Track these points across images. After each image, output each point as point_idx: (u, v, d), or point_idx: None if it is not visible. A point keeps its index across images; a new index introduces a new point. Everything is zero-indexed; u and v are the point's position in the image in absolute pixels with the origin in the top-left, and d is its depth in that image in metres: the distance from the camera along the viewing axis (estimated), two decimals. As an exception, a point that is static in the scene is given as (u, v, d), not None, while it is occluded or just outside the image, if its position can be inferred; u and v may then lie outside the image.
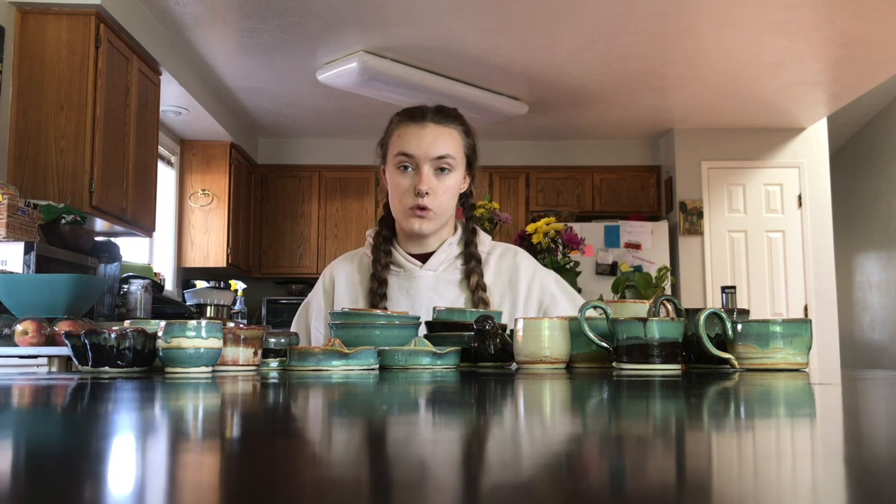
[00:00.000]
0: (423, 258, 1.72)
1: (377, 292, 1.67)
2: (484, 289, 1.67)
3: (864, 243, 7.64)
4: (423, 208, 1.63)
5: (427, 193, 1.62)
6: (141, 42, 3.97)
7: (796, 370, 1.18)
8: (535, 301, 1.70)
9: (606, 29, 4.44)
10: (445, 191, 1.65)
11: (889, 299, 7.25)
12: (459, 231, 1.75)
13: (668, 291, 6.09)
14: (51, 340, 2.28)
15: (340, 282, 1.74)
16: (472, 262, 1.69)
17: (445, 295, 1.68)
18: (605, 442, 0.50)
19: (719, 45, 4.71)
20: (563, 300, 1.70)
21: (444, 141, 1.64)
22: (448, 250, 1.71)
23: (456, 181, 1.68)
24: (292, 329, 1.76)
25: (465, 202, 1.77)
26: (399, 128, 1.69)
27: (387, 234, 1.73)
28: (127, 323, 1.26)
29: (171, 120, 5.30)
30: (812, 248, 6.42)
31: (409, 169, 1.65)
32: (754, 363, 1.17)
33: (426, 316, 1.53)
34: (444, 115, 1.68)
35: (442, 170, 1.64)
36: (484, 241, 1.75)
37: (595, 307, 1.27)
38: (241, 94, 5.53)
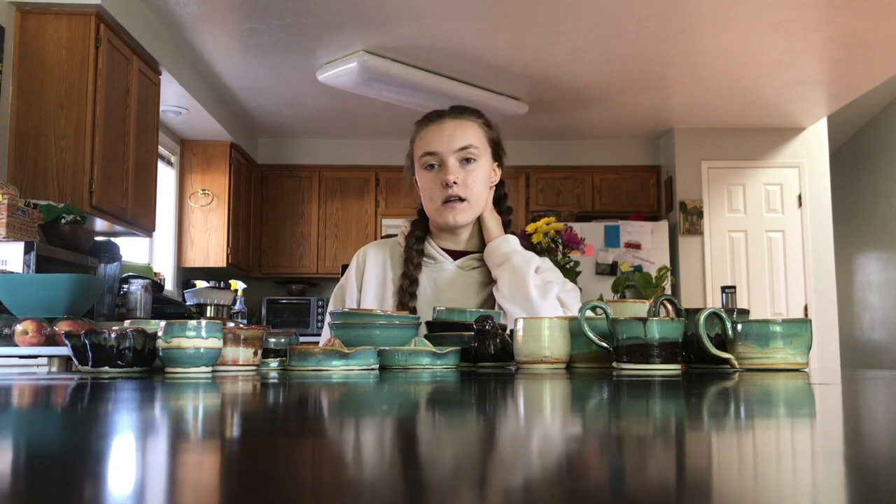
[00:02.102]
0: (456, 255, 1.73)
1: (407, 290, 1.68)
2: None
3: (864, 243, 7.64)
4: (455, 198, 1.65)
5: (455, 183, 1.64)
6: (141, 42, 3.97)
7: (796, 370, 1.18)
8: None
9: (606, 29, 4.45)
10: (475, 179, 1.67)
11: (889, 299, 7.25)
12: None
13: (668, 291, 6.09)
14: (51, 340, 2.28)
15: (371, 265, 1.75)
16: None
17: (469, 293, 1.70)
18: (605, 442, 0.50)
19: (719, 45, 4.71)
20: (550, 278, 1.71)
21: (463, 132, 1.66)
22: (480, 254, 1.73)
23: (484, 170, 1.69)
24: (328, 315, 1.77)
25: (502, 206, 1.79)
26: (419, 132, 1.71)
27: (419, 233, 1.75)
28: (127, 323, 1.26)
29: (171, 120, 5.30)
30: (812, 248, 6.42)
31: (435, 166, 1.67)
32: (754, 363, 1.17)
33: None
34: (461, 110, 1.71)
35: (467, 160, 1.66)
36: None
37: (595, 307, 1.27)
38: (241, 94, 5.53)
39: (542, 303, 1.59)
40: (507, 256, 1.66)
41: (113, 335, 1.15)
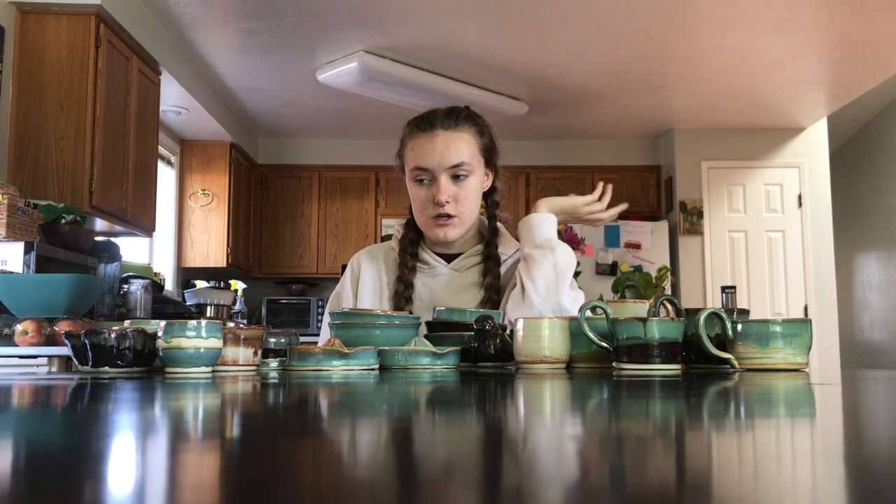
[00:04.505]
0: (449, 258, 1.73)
1: (403, 295, 1.67)
2: (497, 290, 1.68)
3: (864, 243, 7.64)
4: (446, 216, 1.63)
5: (447, 202, 1.62)
6: (141, 42, 3.97)
7: (796, 370, 1.18)
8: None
9: (606, 29, 4.44)
10: (466, 195, 1.65)
11: (889, 299, 7.25)
12: (487, 235, 1.75)
13: (668, 291, 6.09)
14: (51, 340, 2.28)
15: (365, 271, 1.75)
16: (489, 262, 1.70)
17: (464, 295, 1.69)
18: (605, 442, 0.50)
19: (719, 45, 4.71)
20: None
21: (456, 148, 1.62)
22: (474, 252, 1.72)
23: (476, 184, 1.67)
24: (325, 320, 1.76)
25: (490, 199, 1.76)
26: (411, 140, 1.67)
27: (413, 236, 1.74)
28: (127, 323, 1.26)
29: (171, 120, 5.30)
30: (812, 248, 6.42)
31: (426, 181, 1.64)
32: (754, 363, 1.17)
33: None
34: (454, 118, 1.65)
35: (458, 176, 1.63)
36: (508, 244, 1.75)
37: (595, 307, 1.27)
38: (241, 94, 5.53)
39: (567, 293, 1.61)
40: (552, 245, 1.63)
41: (113, 335, 1.15)
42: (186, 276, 5.92)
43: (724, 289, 5.05)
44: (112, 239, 3.88)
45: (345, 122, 6.23)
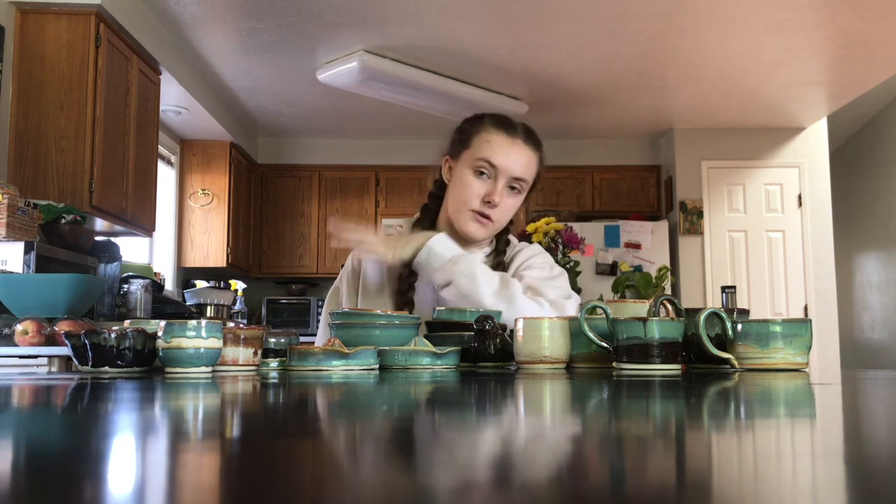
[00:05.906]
0: None
1: (406, 293, 1.68)
2: None
3: (864, 243, 7.64)
4: (486, 216, 1.66)
5: (496, 206, 1.65)
6: (141, 42, 3.97)
7: (796, 370, 1.18)
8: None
9: (606, 29, 4.44)
10: (510, 209, 1.69)
11: (889, 299, 7.25)
12: (495, 243, 1.78)
13: (668, 291, 6.09)
14: (51, 340, 2.28)
15: (367, 269, 1.75)
16: (499, 268, 1.72)
17: None
18: (606, 442, 0.50)
19: (719, 45, 4.71)
20: (534, 271, 1.70)
21: (527, 164, 1.68)
22: (481, 254, 1.73)
23: (519, 202, 1.72)
24: (323, 316, 1.76)
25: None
26: (489, 133, 1.68)
27: (426, 227, 1.74)
28: (127, 323, 1.26)
29: (171, 120, 5.30)
30: (812, 248, 6.42)
31: (486, 176, 1.66)
32: (754, 363, 1.17)
33: None
34: (534, 139, 1.71)
35: (513, 188, 1.68)
36: (513, 246, 1.78)
37: (595, 307, 1.27)
38: (241, 93, 5.53)
39: (498, 301, 1.54)
40: (446, 280, 1.57)
41: (113, 335, 1.15)
42: (186, 276, 5.92)
43: (724, 289, 5.05)
44: (112, 239, 3.88)
45: (345, 122, 6.23)
